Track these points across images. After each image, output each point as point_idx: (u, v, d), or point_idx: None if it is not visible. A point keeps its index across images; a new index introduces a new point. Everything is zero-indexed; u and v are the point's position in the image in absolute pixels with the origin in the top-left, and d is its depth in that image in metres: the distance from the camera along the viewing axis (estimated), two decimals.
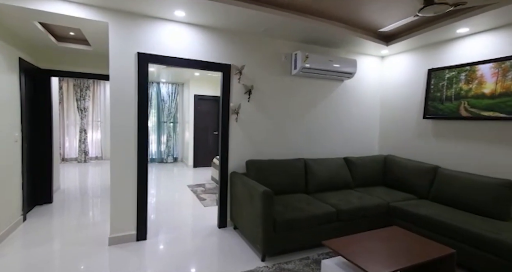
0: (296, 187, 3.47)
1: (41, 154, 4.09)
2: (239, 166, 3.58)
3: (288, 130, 3.86)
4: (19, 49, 3.39)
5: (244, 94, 3.55)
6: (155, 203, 4.48)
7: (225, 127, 3.46)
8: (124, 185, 3.03)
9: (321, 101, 4.06)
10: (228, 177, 3.53)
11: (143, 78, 3.00)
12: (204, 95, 7.81)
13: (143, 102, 3.02)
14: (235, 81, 3.49)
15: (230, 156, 3.53)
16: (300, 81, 3.90)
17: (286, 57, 3.78)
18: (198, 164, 7.84)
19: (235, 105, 3.50)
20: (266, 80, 3.68)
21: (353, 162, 3.95)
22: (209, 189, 5.35)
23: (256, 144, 3.66)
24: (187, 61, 3.20)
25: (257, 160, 3.43)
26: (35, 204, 4.05)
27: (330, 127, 4.15)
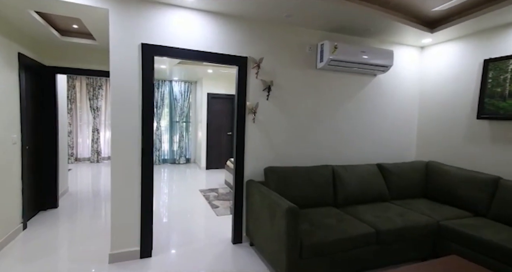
0: (322, 199, 2.99)
1: (45, 156, 3.78)
2: (257, 173, 3.13)
3: (312, 132, 3.37)
4: (18, 43, 3.06)
5: (262, 91, 3.10)
6: (164, 210, 4.10)
7: (241, 128, 3.02)
8: (126, 195, 2.64)
9: (350, 99, 3.55)
10: (244, 186, 3.08)
11: (148, 73, 2.60)
12: (218, 94, 7.41)
13: (148, 100, 2.62)
14: (252, 76, 3.04)
15: (247, 161, 3.08)
16: (327, 76, 3.41)
17: (311, 48, 3.29)
18: (211, 166, 7.46)
19: (252, 104, 3.05)
20: (287, 75, 3.20)
21: (388, 170, 3.42)
22: (222, 195, 4.93)
23: (276, 148, 3.20)
24: (198, 53, 2.78)
25: (277, 168, 2.96)
26: (39, 210, 3.76)
27: (360, 128, 3.64)
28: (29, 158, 3.40)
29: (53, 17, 3.01)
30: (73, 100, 7.52)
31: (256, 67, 3.03)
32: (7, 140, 2.86)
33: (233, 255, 2.85)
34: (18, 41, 3.07)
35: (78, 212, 3.85)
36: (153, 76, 2.67)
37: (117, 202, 2.61)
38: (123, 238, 2.67)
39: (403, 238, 2.56)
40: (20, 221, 3.15)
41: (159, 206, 4.30)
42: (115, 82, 2.51)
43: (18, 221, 3.12)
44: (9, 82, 2.90)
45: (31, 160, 3.45)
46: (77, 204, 4.17)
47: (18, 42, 3.06)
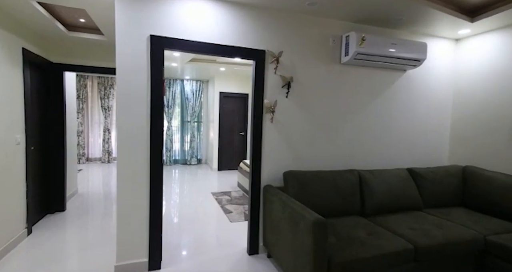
0: (348, 207, 2.69)
1: (52, 157, 3.60)
2: (275, 178, 2.86)
3: (336, 134, 3.07)
4: (22, 38, 2.88)
5: (281, 88, 2.82)
6: (174, 215, 3.87)
7: (258, 129, 2.75)
8: (133, 202, 2.41)
9: (377, 97, 3.23)
10: (261, 192, 2.81)
11: (157, 68, 2.36)
12: (230, 92, 7.16)
13: (157, 97, 2.38)
14: (270, 71, 2.77)
15: (264, 165, 2.81)
16: (352, 72, 3.10)
17: (334, 41, 3.00)
18: (223, 167, 7.22)
19: (270, 102, 2.77)
20: (309, 71, 2.92)
21: (420, 175, 3.09)
22: (235, 199, 4.68)
23: (296, 150, 2.91)
24: (212, 46, 2.52)
25: (298, 172, 2.68)
26: (46, 213, 3.59)
27: (387, 129, 3.31)
28: (35, 159, 3.22)
29: (58, 10, 2.82)
30: (84, 99, 7.41)
31: (274, 62, 2.75)
32: (9, 141, 2.68)
33: (249, 268, 2.59)
34: (22, 36, 2.89)
35: (86, 216, 3.66)
36: (163, 72, 2.43)
37: (123, 210, 2.38)
38: (130, 248, 2.44)
39: (445, 255, 2.23)
40: (24, 226, 2.97)
41: (169, 211, 4.07)
42: (121, 77, 2.28)
43: (22, 226, 2.94)
44: (13, 79, 2.71)
45: (36, 161, 3.28)
46: (85, 207, 3.99)
47: (22, 37, 2.88)
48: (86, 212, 3.82)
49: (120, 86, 2.28)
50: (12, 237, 2.77)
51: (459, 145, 3.51)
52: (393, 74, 3.28)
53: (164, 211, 4.03)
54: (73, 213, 3.71)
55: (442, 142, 3.61)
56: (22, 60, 2.83)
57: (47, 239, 2.99)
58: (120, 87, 2.28)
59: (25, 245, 2.85)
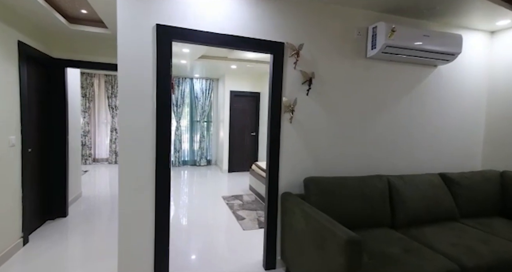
0: (377, 218, 2.40)
1: (53, 159, 3.40)
2: (294, 184, 2.59)
3: (360, 135, 2.78)
4: (18, 30, 2.67)
5: (301, 84, 2.55)
6: (182, 222, 3.63)
7: (275, 130, 2.48)
8: (136, 210, 2.17)
9: (405, 95, 2.93)
10: (279, 200, 2.54)
11: (164, 62, 2.11)
12: (241, 91, 6.91)
13: (164, 95, 2.14)
14: (289, 66, 2.50)
15: (282, 170, 2.54)
16: (378, 67, 2.81)
17: (359, 33, 2.71)
18: (233, 169, 6.98)
19: (289, 100, 2.50)
20: (331, 66, 2.64)
21: (454, 181, 2.78)
22: (247, 203, 4.42)
23: (317, 154, 2.64)
24: (226, 37, 2.27)
25: (321, 179, 2.40)
26: (46, 219, 3.39)
27: (416, 130, 3.01)
28: (33, 162, 3.02)
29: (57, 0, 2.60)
30: (91, 98, 7.25)
31: (294, 55, 2.48)
32: (2, 142, 2.46)
33: None
34: (18, 28, 2.67)
35: (89, 221, 3.45)
36: (171, 66, 2.18)
37: (125, 219, 2.14)
38: (133, 263, 2.20)
39: None
40: (20, 235, 2.75)
41: (177, 217, 3.84)
42: (123, 72, 2.04)
43: (18, 235, 2.73)
44: (6, 74, 2.50)
45: (35, 164, 3.07)
46: (89, 212, 3.79)
47: (17, 29, 2.66)
48: (90, 217, 3.61)
49: (122, 81, 2.04)
50: (5, 248, 2.54)
51: (494, 147, 3.18)
52: (423, 70, 2.98)
53: (172, 217, 3.80)
54: (75, 219, 3.51)
55: (475, 145, 3.28)
56: (17, 54, 2.62)
57: (45, 249, 2.76)
58: (122, 83, 2.04)
59: (20, 256, 2.62)
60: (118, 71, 2.02)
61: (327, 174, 2.68)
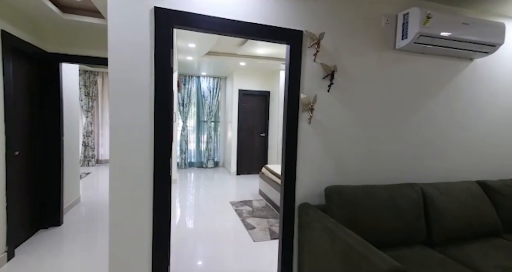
0: (411, 235, 2.06)
1: (46, 163, 3.14)
2: (312, 193, 2.27)
3: (387, 137, 2.45)
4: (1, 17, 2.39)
5: (322, 79, 2.23)
6: (187, 232, 3.34)
7: (292, 132, 2.17)
8: (130, 222, 1.87)
9: (437, 92, 2.59)
10: (296, 211, 2.23)
11: (163, 51, 1.82)
12: (250, 90, 6.61)
13: (163, 91, 1.84)
14: (308, 58, 2.18)
15: (299, 177, 2.22)
16: (408, 60, 2.47)
17: (388, 21, 2.37)
18: (241, 171, 6.67)
19: (308, 98, 2.18)
20: (355, 58, 2.31)
21: (495, 190, 2.43)
22: (257, 210, 4.11)
23: (339, 158, 2.31)
24: (236, 24, 1.96)
25: (345, 188, 2.08)
26: (38, 228, 3.12)
27: (449, 132, 2.66)
28: (21, 166, 2.75)
29: None
30: (94, 97, 7.04)
31: (314, 46, 2.16)
32: None
33: None
34: (1, 15, 2.38)
35: (86, 231, 3.18)
36: (172, 57, 1.89)
37: (117, 233, 1.85)
38: None
39: None
40: (4, 249, 2.47)
41: (181, 225, 3.55)
42: (114, 63, 1.75)
43: (1, 250, 2.45)
44: None
45: (23, 168, 2.81)
46: (87, 219, 3.52)
47: (2, 17, 2.38)
48: (88, 225, 3.34)
49: (113, 75, 1.75)
50: None
51: None
52: (457, 64, 2.63)
53: (175, 225, 3.51)
54: (71, 227, 3.24)
55: None
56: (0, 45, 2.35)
57: (33, 266, 2.45)
58: (113, 76, 1.75)
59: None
60: (109, 62, 1.73)
61: (350, 182, 2.35)
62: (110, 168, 1.77)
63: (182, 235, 3.20)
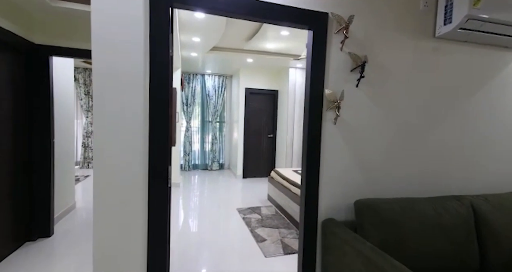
0: (460, 260, 1.70)
1: (33, 168, 2.82)
2: (339, 206, 1.91)
3: (426, 141, 2.08)
4: None
5: (350, 72, 1.87)
6: (189, 244, 3.00)
7: (314, 133, 1.81)
8: (120, 247, 1.53)
9: (483, 88, 2.21)
10: (319, 228, 1.87)
11: (161, 37, 1.47)
12: (258, 89, 6.26)
13: (160, 87, 1.50)
14: (334, 47, 1.83)
15: (322, 187, 1.87)
16: (449, 50, 2.10)
17: (427, 4, 2.01)
18: (248, 174, 6.33)
19: (334, 94, 1.83)
20: (389, 47, 1.95)
21: None
22: (267, 218, 3.76)
23: (369, 166, 1.96)
24: (250, 3, 1.61)
25: (378, 202, 1.72)
26: (24, 241, 2.80)
27: (496, 135, 2.28)
28: (1, 171, 2.43)
29: None
30: None
31: (342, 31, 1.81)
32: None
33: None
34: None
35: (79, 242, 2.86)
36: (171, 44, 1.55)
37: (102, 261, 1.51)
38: None
39: None
40: None
41: (182, 236, 3.21)
42: (99, 50, 1.41)
43: None
44: None
45: (6, 175, 2.49)
46: (81, 229, 3.20)
47: None
48: (81, 235, 3.02)
49: (98, 64, 1.41)
50: None
51: None
52: (505, 56, 2.25)
53: (177, 235, 3.18)
54: (62, 239, 2.92)
55: None
56: None
57: None
58: (98, 65, 1.41)
59: None
60: (93, 48, 1.39)
61: (382, 193, 1.99)
62: (94, 181, 1.44)
63: (185, 248, 2.86)
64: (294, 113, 5.76)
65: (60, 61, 3.26)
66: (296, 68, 5.73)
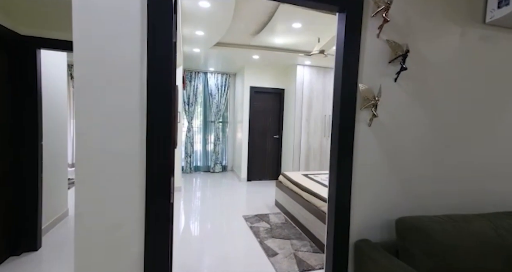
0: None
1: (18, 175, 2.51)
2: (373, 224, 1.60)
3: (477, 146, 1.77)
4: None
5: (387, 64, 1.57)
6: (191, 259, 2.70)
7: (345, 137, 1.51)
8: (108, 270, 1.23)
9: None
10: (351, 251, 1.56)
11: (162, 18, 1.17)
12: (263, 87, 5.95)
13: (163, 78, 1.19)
14: (370, 33, 1.52)
15: (355, 202, 1.56)
16: (502, 38, 1.79)
17: None
18: (253, 177, 6.02)
19: (370, 90, 1.52)
20: (433, 35, 1.65)
21: None
22: (277, 227, 3.45)
23: (410, 176, 1.65)
24: None
25: (427, 220, 1.41)
26: (8, 255, 2.49)
27: None
28: None
29: None
30: None
31: (380, 14, 1.50)
32: None
33: None
34: None
35: (67, 259, 2.55)
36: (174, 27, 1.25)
37: None
38: None
39: None
40: None
41: (184, 249, 2.90)
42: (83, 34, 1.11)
43: None
44: None
45: None
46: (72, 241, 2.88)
47: None
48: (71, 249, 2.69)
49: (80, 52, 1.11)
50: None
51: None
52: None
53: (175, 249, 2.87)
54: (50, 253, 2.60)
55: None
56: None
57: None
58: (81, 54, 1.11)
59: None
60: (74, 34, 1.08)
61: (426, 209, 1.68)
62: (75, 198, 1.13)
63: (186, 262, 2.55)
64: (302, 113, 5.46)
65: (51, 55, 2.95)
66: (304, 66, 5.42)
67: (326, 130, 5.58)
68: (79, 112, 1.11)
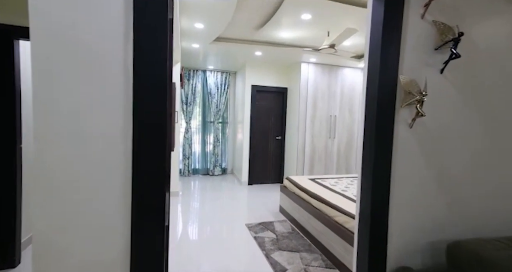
0: None
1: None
2: (413, 248, 1.31)
3: None
4: None
5: (433, 51, 1.28)
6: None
7: (382, 141, 1.22)
8: None
9: None
10: None
11: None
12: (265, 86, 5.66)
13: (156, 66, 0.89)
14: (413, 13, 1.24)
15: (393, 221, 1.27)
16: None
17: None
18: (254, 180, 5.72)
19: (413, 83, 1.23)
20: (487, 18, 1.36)
21: None
22: (283, 237, 3.15)
23: (459, 190, 1.36)
24: None
25: (489, 246, 1.12)
26: None
27: None
28: None
29: None
30: None
31: None
32: None
33: None
34: None
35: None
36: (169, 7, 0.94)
37: None
38: None
39: None
40: None
41: (180, 264, 2.60)
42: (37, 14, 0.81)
43: None
44: None
45: None
46: None
47: None
48: None
49: (36, 31, 0.81)
50: None
51: None
52: None
53: (171, 265, 2.57)
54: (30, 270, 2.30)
55: None
56: None
57: None
58: (39, 34, 0.81)
59: None
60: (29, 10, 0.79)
61: (478, 230, 1.39)
62: (33, 220, 0.83)
63: None
64: (306, 113, 5.17)
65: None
66: (308, 64, 5.13)
67: (331, 131, 5.29)
68: (39, 105, 0.81)
